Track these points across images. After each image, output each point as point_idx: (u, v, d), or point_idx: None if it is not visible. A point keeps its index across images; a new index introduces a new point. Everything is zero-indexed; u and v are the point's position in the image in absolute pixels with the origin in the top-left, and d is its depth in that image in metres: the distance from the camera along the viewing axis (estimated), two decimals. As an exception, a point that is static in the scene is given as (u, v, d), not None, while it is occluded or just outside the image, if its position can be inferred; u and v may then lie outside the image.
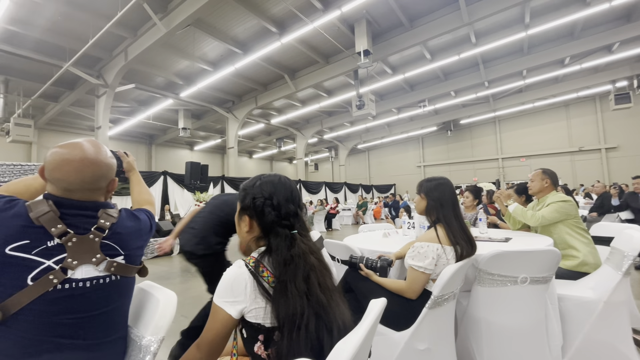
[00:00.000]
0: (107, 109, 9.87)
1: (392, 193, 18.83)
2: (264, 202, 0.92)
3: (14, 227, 0.84)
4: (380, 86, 12.10)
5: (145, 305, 1.04)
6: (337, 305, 0.88)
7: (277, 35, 8.49)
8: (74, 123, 14.65)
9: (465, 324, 1.74)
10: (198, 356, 0.88)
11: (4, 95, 10.65)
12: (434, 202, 1.62)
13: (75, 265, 0.87)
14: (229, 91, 12.51)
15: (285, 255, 0.87)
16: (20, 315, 0.80)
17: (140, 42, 8.12)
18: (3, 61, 9.08)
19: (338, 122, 16.57)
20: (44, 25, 7.72)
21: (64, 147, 0.93)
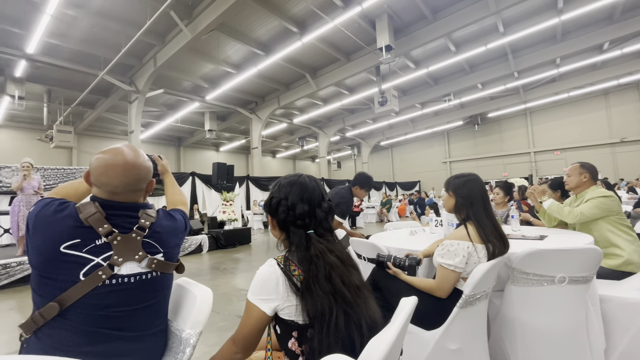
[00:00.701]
0: (139, 114, 10.36)
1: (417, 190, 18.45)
2: (279, 202, 0.95)
3: (67, 227, 0.91)
4: (403, 81, 11.87)
5: (183, 300, 1.09)
6: (364, 302, 0.88)
7: (298, 35, 8.54)
8: (109, 128, 15.50)
9: (498, 324, 1.69)
10: (234, 350, 0.92)
11: (47, 105, 11.46)
12: (463, 200, 1.58)
13: (120, 262, 0.93)
14: (252, 92, 12.75)
15: (304, 254, 0.89)
16: (75, 308, 0.87)
17: (168, 48, 8.45)
18: (45, 72, 9.76)
19: (360, 119, 16.45)
20: (80, 36, 8.22)
21: (107, 153, 1.00)
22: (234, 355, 0.92)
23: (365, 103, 14.38)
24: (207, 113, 13.73)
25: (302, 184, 0.98)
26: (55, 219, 0.92)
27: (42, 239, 0.91)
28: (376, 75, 10.32)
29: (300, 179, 0.99)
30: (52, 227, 0.91)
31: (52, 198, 1.01)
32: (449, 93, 13.10)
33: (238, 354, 0.92)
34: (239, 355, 0.92)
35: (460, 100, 14.37)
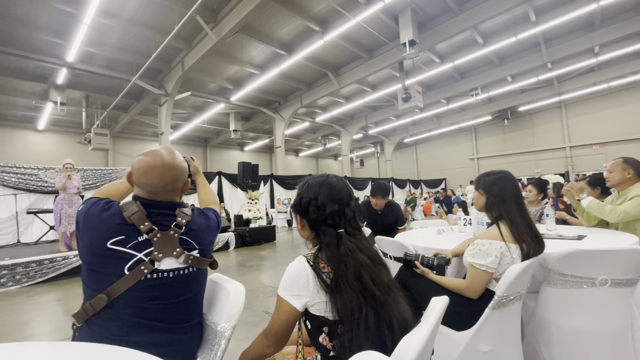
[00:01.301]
0: (168, 116, 10.79)
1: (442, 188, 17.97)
2: (309, 201, 0.96)
3: (113, 225, 0.98)
4: (427, 77, 11.59)
5: (217, 295, 1.14)
6: (395, 300, 0.89)
7: (320, 34, 8.55)
8: (141, 130, 16.25)
9: (532, 327, 1.63)
10: (266, 343, 0.95)
11: (85, 109, 12.20)
12: (495, 198, 1.53)
13: (160, 257, 0.99)
14: (275, 92, 12.92)
15: (334, 253, 0.90)
16: (121, 300, 0.93)
17: (195, 52, 8.73)
18: (83, 79, 10.39)
19: (383, 116, 16.24)
20: (114, 44, 8.67)
21: (147, 155, 1.06)
22: (266, 349, 0.95)
23: (388, 100, 14.16)
24: (232, 114, 14.06)
25: (331, 183, 0.99)
26: (102, 217, 0.99)
27: (91, 235, 0.98)
28: (399, 71, 10.14)
29: (328, 179, 1.01)
30: (100, 224, 0.98)
31: (98, 197, 1.09)
32: (476, 87, 12.64)
33: (270, 347, 0.94)
34: (271, 349, 0.95)
35: (489, 94, 13.82)
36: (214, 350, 1.01)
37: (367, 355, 0.59)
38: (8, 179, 6.93)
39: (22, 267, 4.24)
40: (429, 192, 16.49)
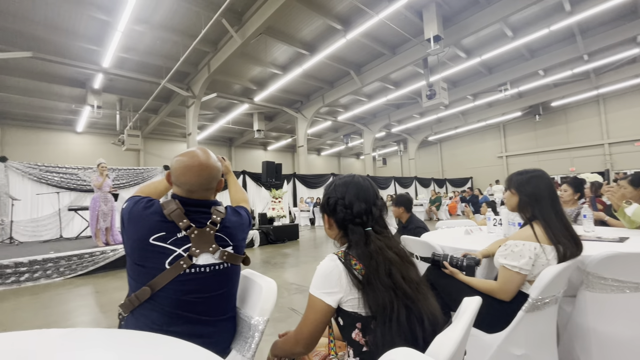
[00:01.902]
0: (195, 117, 11.16)
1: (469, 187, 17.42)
2: (336, 201, 0.99)
3: (154, 222, 1.04)
4: (453, 72, 11.28)
5: (250, 290, 1.19)
6: (425, 297, 0.89)
7: (342, 32, 8.54)
8: (170, 131, 16.90)
9: (569, 332, 1.56)
10: (296, 344, 0.95)
11: (119, 112, 12.86)
12: (528, 198, 1.48)
13: (197, 253, 1.04)
14: (297, 92, 13.03)
15: (364, 250, 0.92)
16: (162, 293, 0.99)
17: (220, 54, 8.97)
18: (117, 83, 10.95)
19: (407, 114, 15.96)
20: (145, 49, 9.07)
21: (184, 155, 1.12)
22: (296, 348, 0.96)
23: (412, 97, 13.90)
24: (255, 114, 14.33)
25: (357, 183, 1.01)
26: (144, 214, 1.06)
27: (135, 231, 1.05)
28: (424, 68, 9.93)
29: (354, 179, 1.03)
30: (143, 221, 1.05)
31: (139, 196, 1.16)
32: (505, 82, 12.13)
33: (300, 348, 0.95)
34: (301, 350, 0.96)
35: (519, 89, 13.24)
36: (248, 342, 1.05)
37: (403, 351, 0.60)
38: (52, 178, 7.44)
39: (65, 261, 4.55)
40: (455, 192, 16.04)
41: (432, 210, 12.05)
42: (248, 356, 1.02)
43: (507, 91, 12.40)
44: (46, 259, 4.41)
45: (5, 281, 4.09)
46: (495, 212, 4.09)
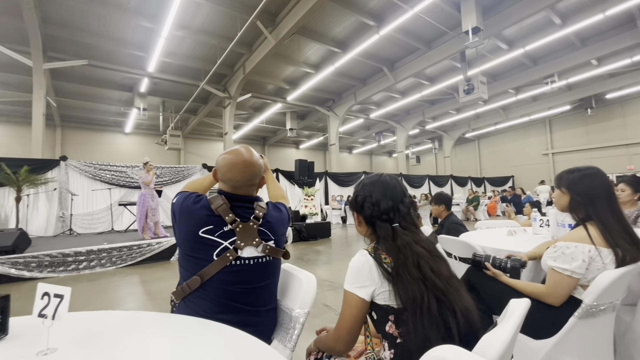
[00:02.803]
0: (232, 117, 11.58)
1: (510, 186, 16.46)
2: (364, 199, 1.02)
3: (203, 216, 1.11)
4: (493, 65, 10.71)
5: (290, 283, 1.23)
6: (456, 291, 0.89)
7: (375, 28, 8.42)
8: (208, 131, 17.67)
9: (627, 343, 1.44)
10: (337, 341, 0.97)
11: (162, 113, 13.67)
12: (580, 197, 1.39)
13: (242, 246, 1.10)
14: (329, 90, 13.06)
15: (391, 245, 0.93)
16: (211, 282, 1.06)
17: (255, 55, 9.22)
18: (160, 87, 11.65)
19: (442, 110, 15.41)
20: (185, 53, 9.56)
21: (229, 154, 1.18)
22: (336, 345, 0.99)
23: (448, 92, 13.39)
24: (288, 113, 14.57)
25: (384, 182, 1.04)
26: (194, 208, 1.13)
27: (186, 224, 1.12)
28: (461, 62, 9.53)
29: (381, 178, 1.06)
30: (193, 215, 1.12)
31: (188, 192, 1.24)
32: (551, 74, 11.29)
33: (340, 345, 0.98)
34: (341, 347, 0.98)
35: (567, 81, 12.26)
36: (290, 333, 1.09)
37: (450, 349, 0.60)
38: (104, 175, 8.10)
39: (117, 251, 4.95)
40: (494, 191, 15.24)
41: (469, 210, 11.54)
42: (290, 346, 1.06)
43: (555, 83, 11.53)
44: (101, 250, 4.82)
45: (67, 268, 4.53)
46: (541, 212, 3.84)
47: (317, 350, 1.10)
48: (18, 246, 4.38)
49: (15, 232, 4.49)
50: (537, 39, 9.23)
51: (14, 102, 11.47)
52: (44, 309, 0.75)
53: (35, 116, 8.27)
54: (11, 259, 4.20)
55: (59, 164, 7.64)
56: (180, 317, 0.97)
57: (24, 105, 11.27)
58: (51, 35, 8.24)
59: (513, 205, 8.34)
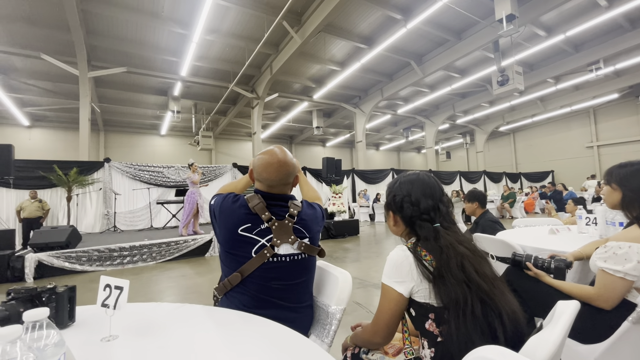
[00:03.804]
0: (260, 117, 11.83)
1: (550, 182, 15.50)
2: (402, 198, 1.00)
3: (241, 215, 1.16)
4: (529, 54, 10.13)
5: (326, 280, 1.25)
6: (501, 293, 0.87)
7: (402, 22, 8.23)
8: (237, 131, 18.16)
9: (690, 351, 1.33)
10: (374, 334, 0.98)
11: (194, 115, 14.24)
12: (634, 194, 1.29)
13: (278, 243, 1.13)
14: (355, 87, 12.96)
15: (434, 245, 0.91)
16: (250, 279, 1.10)
17: (281, 55, 9.34)
18: (192, 90, 12.13)
19: (474, 103, 14.79)
20: (215, 56, 9.88)
21: (265, 154, 1.22)
22: (375, 338, 0.99)
23: (481, 85, 12.83)
24: (314, 111, 14.64)
25: (423, 180, 1.02)
26: (233, 207, 1.18)
27: (225, 223, 1.18)
28: (494, 52, 9.10)
29: (420, 176, 1.03)
30: (232, 214, 1.17)
31: (225, 193, 1.30)
32: (596, 60, 10.48)
33: (378, 338, 0.98)
34: (379, 340, 0.98)
35: (615, 67, 11.30)
36: (327, 329, 1.11)
37: (496, 350, 0.59)
38: (143, 175, 8.59)
39: (157, 247, 5.24)
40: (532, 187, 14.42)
41: (504, 207, 11.01)
42: (327, 342, 1.08)
43: (600, 70, 10.71)
44: (142, 245, 5.13)
45: (113, 262, 4.87)
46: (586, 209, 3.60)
47: (353, 346, 1.12)
48: (71, 242, 4.77)
49: (68, 229, 4.89)
50: (579, 24, 8.60)
51: (63, 109, 12.44)
52: (106, 299, 0.83)
53: (82, 121, 8.92)
54: (65, 253, 4.58)
55: (103, 165, 8.20)
56: (225, 310, 1.02)
57: (71, 112, 12.18)
58: (94, 46, 8.84)
59: (553, 202, 7.85)
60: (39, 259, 4.41)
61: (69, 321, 0.88)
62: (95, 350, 0.73)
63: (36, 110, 12.53)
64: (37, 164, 7.35)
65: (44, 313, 0.45)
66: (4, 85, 10.37)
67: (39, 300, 0.85)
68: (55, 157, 10.43)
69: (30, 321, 0.44)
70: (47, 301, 0.86)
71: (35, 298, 0.85)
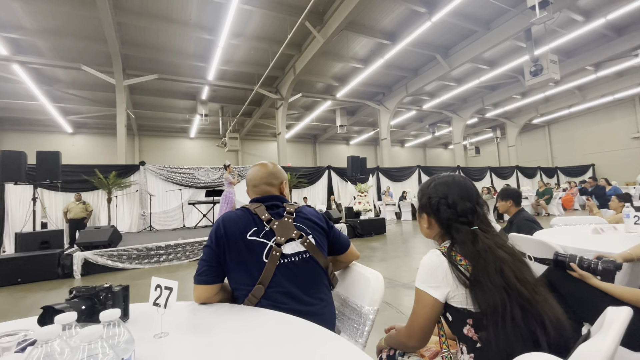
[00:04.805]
0: (284, 117, 11.99)
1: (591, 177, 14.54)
2: (438, 200, 0.98)
3: (247, 219, 1.17)
4: (565, 41, 9.55)
5: (356, 280, 1.26)
6: (544, 300, 0.83)
7: (427, 15, 8.04)
8: (262, 132, 18.50)
9: None
10: (409, 338, 0.97)
11: (221, 118, 14.67)
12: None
13: (282, 241, 1.13)
14: (379, 84, 12.80)
15: (471, 249, 0.89)
16: (270, 289, 1.08)
17: (304, 56, 9.41)
18: (219, 93, 12.50)
19: (504, 96, 14.16)
20: (240, 59, 10.11)
21: (252, 168, 1.37)
22: (409, 341, 0.98)
23: (512, 76, 12.26)
24: (337, 110, 14.62)
25: (459, 182, 1.00)
26: (237, 214, 1.20)
27: (233, 232, 1.16)
28: (526, 41, 8.65)
29: (456, 179, 1.02)
30: (239, 220, 1.17)
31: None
32: (643, 44, 9.69)
33: (413, 341, 0.97)
34: (414, 344, 0.97)
35: (664, 50, 10.40)
36: (360, 329, 1.13)
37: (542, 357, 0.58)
38: (175, 177, 8.98)
39: (190, 246, 5.48)
40: (570, 182, 13.59)
41: (540, 204, 10.47)
42: (361, 342, 1.10)
43: (647, 55, 9.89)
44: (177, 244, 5.38)
45: (150, 260, 5.14)
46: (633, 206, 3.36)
47: (388, 348, 1.12)
48: (113, 241, 5.08)
49: (110, 229, 5.22)
50: (621, 6, 7.99)
51: (101, 116, 13.24)
52: (157, 298, 0.89)
53: (119, 127, 9.47)
54: (107, 252, 4.90)
55: (139, 168, 8.66)
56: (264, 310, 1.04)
57: (109, 119, 12.95)
58: (128, 55, 9.34)
59: (595, 198, 7.33)
60: (85, 257, 4.74)
61: (125, 318, 0.96)
62: (150, 346, 0.79)
63: (78, 118, 13.43)
64: (81, 168, 7.89)
65: (116, 313, 0.50)
66: (50, 96, 11.20)
67: (97, 298, 0.93)
68: (95, 162, 11.15)
69: (106, 321, 0.49)
70: (104, 299, 0.93)
71: (94, 296, 0.93)
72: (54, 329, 0.42)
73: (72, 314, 0.50)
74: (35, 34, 8.00)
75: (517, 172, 15.65)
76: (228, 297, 1.17)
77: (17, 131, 13.94)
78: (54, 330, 0.42)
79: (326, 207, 10.63)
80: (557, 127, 18.94)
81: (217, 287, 1.13)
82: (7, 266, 4.39)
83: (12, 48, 8.47)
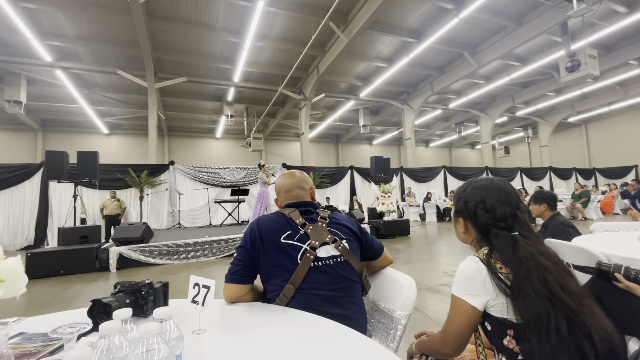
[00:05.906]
0: (307, 118, 12.06)
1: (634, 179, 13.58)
2: (476, 204, 0.95)
3: (282, 223, 1.19)
4: (605, 34, 8.98)
5: (388, 285, 1.25)
6: (591, 312, 0.79)
7: (454, 11, 7.81)
8: (286, 132, 18.72)
9: None
10: (444, 345, 0.94)
11: (246, 119, 14.98)
12: None
13: (317, 245, 1.14)
14: (403, 83, 12.59)
15: (511, 256, 0.85)
16: (302, 287, 1.10)
17: (328, 56, 9.42)
18: (244, 94, 12.77)
19: (537, 93, 13.50)
20: (264, 61, 10.28)
21: (282, 177, 1.40)
22: (444, 349, 0.96)
23: (545, 72, 11.68)
24: (360, 109, 14.52)
25: (498, 186, 0.97)
26: (272, 218, 1.23)
27: (268, 236, 1.19)
28: (561, 35, 8.20)
29: (494, 182, 0.99)
30: (273, 224, 1.20)
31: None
32: (696, 35, 8.92)
33: (447, 349, 0.94)
34: (448, 351, 0.95)
35: None
36: (391, 334, 1.12)
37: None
38: (202, 176, 9.27)
39: (216, 244, 5.64)
40: (610, 184, 12.74)
41: (576, 207, 9.89)
42: (392, 347, 1.09)
43: (700, 46, 9.10)
44: (204, 242, 5.56)
45: (180, 257, 5.35)
46: (685, 212, 3.12)
47: (420, 354, 1.11)
48: (145, 237, 5.33)
49: (142, 226, 5.47)
50: (672, -6, 7.40)
51: (134, 118, 13.91)
52: (195, 296, 0.93)
53: (150, 128, 9.90)
54: (140, 247, 5.14)
55: (168, 167, 9.02)
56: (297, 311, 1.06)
57: (141, 120, 13.58)
58: (159, 59, 9.74)
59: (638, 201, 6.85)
60: (120, 252, 5.01)
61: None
62: (189, 342, 0.82)
63: (113, 119, 14.19)
64: (115, 167, 8.33)
65: (168, 311, 0.53)
66: (89, 99, 11.90)
67: (139, 293, 0.98)
68: (128, 161, 11.72)
69: (159, 318, 0.52)
70: (146, 295, 0.98)
71: (137, 291, 0.98)
72: (115, 325, 0.45)
73: (128, 310, 0.53)
74: (76, 41, 8.53)
75: (550, 174, 14.89)
76: (257, 298, 1.20)
77: (59, 132, 14.91)
78: (115, 325, 0.45)
79: (349, 208, 10.60)
80: (596, 125, 17.83)
81: (248, 287, 1.16)
82: (51, 258, 4.71)
83: (55, 55, 9.08)
